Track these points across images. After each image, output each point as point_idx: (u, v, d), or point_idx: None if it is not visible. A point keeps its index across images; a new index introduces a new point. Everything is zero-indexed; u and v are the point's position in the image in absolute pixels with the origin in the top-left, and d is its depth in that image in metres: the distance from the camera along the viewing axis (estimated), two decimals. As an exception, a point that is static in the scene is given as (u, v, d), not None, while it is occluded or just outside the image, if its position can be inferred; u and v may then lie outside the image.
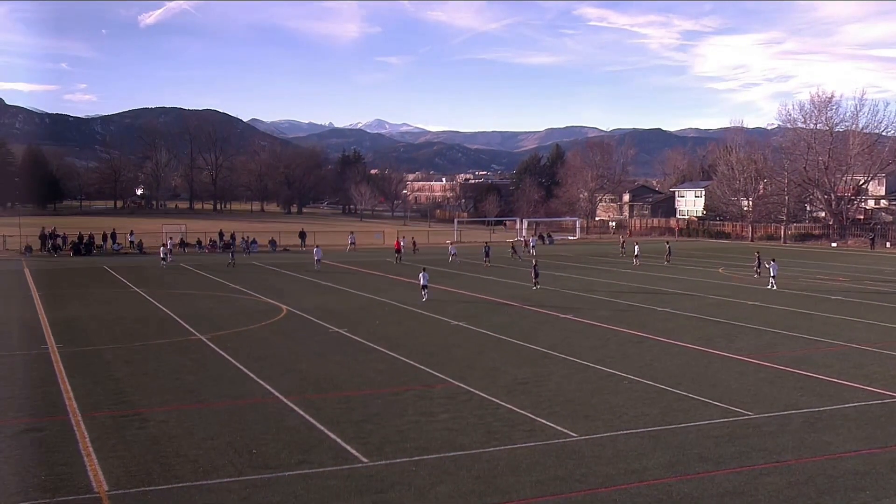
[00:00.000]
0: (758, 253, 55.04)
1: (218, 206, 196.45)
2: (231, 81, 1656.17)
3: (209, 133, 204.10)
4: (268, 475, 14.89)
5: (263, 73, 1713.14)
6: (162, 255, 59.60)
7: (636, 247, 64.21)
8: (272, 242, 79.33)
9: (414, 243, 76.23)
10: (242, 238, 76.76)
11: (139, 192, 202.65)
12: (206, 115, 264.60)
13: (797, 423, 18.44)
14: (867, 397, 20.82)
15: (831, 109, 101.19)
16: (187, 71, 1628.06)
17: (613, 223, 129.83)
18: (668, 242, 71.31)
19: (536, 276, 44.28)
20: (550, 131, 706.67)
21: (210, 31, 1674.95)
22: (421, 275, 40.17)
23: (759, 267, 51.00)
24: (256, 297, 41.28)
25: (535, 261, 45.64)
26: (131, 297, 41.65)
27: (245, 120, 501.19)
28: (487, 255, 61.02)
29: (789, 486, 14.36)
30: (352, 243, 77.95)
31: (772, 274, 45.50)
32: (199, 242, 78.24)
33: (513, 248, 70.33)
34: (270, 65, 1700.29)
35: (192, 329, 31.13)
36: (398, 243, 66.85)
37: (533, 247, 74.25)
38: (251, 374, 23.22)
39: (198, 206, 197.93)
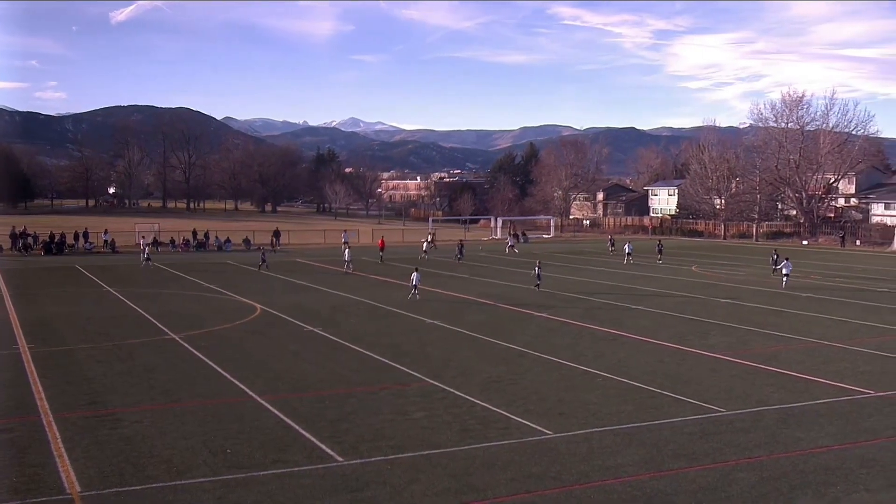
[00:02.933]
0: (776, 251, 55.27)
1: (191, 205, 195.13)
2: (205, 79, 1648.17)
3: (182, 131, 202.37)
4: (242, 475, 14.84)
5: (237, 71, 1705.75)
6: (146, 255, 58.96)
7: (627, 245, 64.54)
8: (246, 241, 78.94)
9: (432, 238, 77.58)
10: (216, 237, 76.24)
11: (112, 190, 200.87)
12: (179, 114, 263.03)
13: (769, 419, 18.63)
14: (837, 393, 21.07)
15: (802, 109, 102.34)
16: (160, 69, 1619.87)
17: (587, 221, 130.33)
18: (659, 241, 71.57)
19: (538, 276, 44.02)
20: (525, 130, 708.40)
21: (183, 29, 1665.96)
22: (413, 275, 40.36)
23: (776, 266, 50.65)
24: (230, 295, 41.08)
25: (539, 262, 45.66)
26: (104, 296, 41.31)
27: (219, 118, 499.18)
28: (461, 252, 62.56)
29: (762, 482, 14.51)
30: (345, 242, 76.37)
31: (784, 273, 45.46)
32: (172, 241, 77.72)
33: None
34: (244, 63, 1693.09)
35: (165, 329, 30.93)
36: (382, 242, 66.89)
37: (511, 246, 74.22)
38: (225, 374, 23.12)
39: (171, 204, 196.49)
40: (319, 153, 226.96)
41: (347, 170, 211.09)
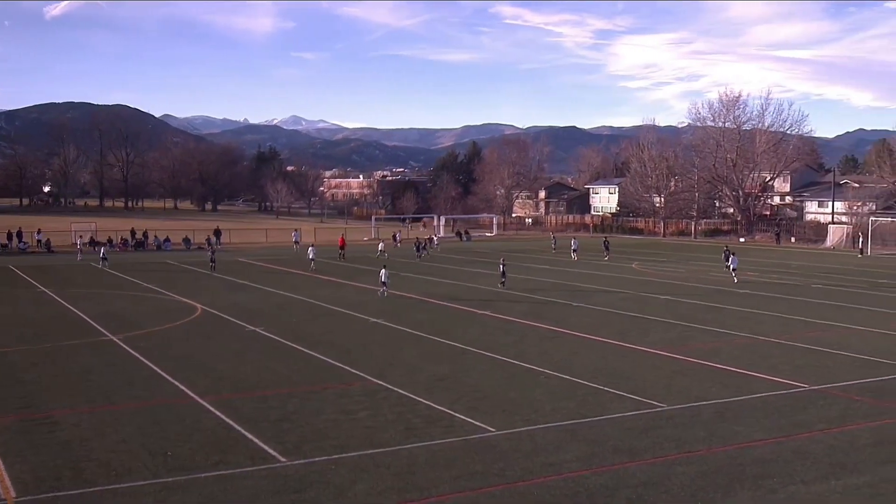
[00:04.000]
0: (727, 247, 56.19)
1: (129, 204, 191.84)
2: (142, 76, 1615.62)
3: (120, 129, 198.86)
4: (183, 477, 14.64)
5: (175, 67, 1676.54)
6: (102, 255, 57.38)
7: (573, 241, 65.16)
8: (186, 240, 77.86)
9: (394, 237, 79.35)
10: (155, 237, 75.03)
11: (46, 189, 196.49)
12: (116, 111, 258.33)
13: (708, 413, 18.95)
14: (773, 387, 21.52)
15: (739, 108, 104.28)
16: (96, 65, 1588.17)
17: (530, 220, 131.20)
18: (605, 238, 72.30)
19: (503, 274, 44.18)
20: (467, 128, 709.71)
21: (120, 24, 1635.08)
22: (382, 272, 40.76)
23: (728, 262, 51.28)
24: (170, 295, 40.50)
25: (503, 258, 45.80)
26: (39, 297, 40.41)
27: (157, 116, 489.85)
28: (419, 249, 64.78)
29: (701, 476, 14.76)
30: (296, 241, 75.24)
31: (732, 267, 46.49)
32: (110, 241, 76.29)
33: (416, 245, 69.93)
34: (183, 59, 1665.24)
35: (103, 329, 30.38)
36: (342, 240, 66.59)
37: (436, 245, 73.86)
38: (165, 375, 22.79)
39: (108, 203, 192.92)
40: (260, 151, 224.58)
41: (289, 168, 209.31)
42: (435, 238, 77.59)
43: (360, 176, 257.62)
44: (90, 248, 72.20)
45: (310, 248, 56.67)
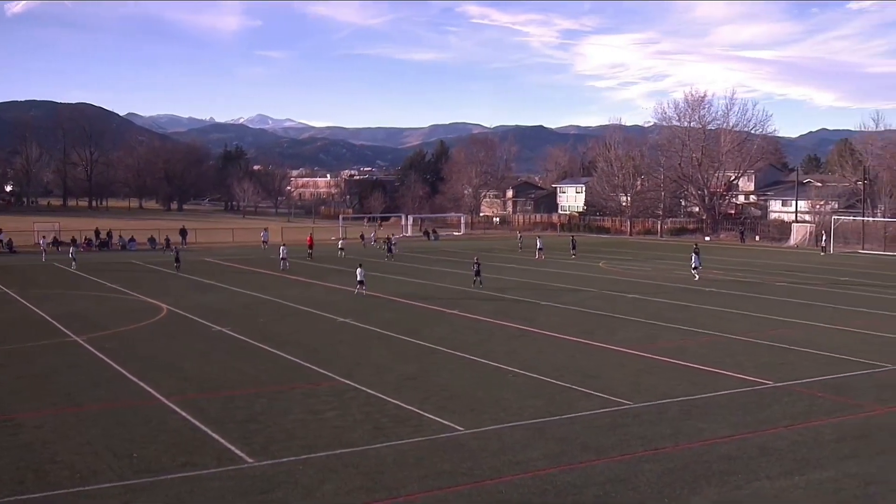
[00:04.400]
0: (696, 246, 56.54)
1: (94, 203, 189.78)
2: (107, 74, 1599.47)
3: (84, 127, 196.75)
4: (149, 479, 14.50)
5: (141, 65, 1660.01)
6: (71, 255, 56.65)
7: (538, 241, 65.49)
8: (152, 240, 77.14)
9: (362, 237, 79.52)
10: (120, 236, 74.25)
11: (8, 188, 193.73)
12: (80, 109, 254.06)
13: (674, 411, 19.11)
14: (738, 385, 21.74)
15: (704, 108, 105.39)
16: (60, 63, 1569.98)
17: (497, 219, 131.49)
18: (573, 237, 72.64)
19: (477, 273, 44.08)
20: (435, 127, 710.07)
21: (84, 22, 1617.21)
22: (358, 270, 40.86)
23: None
24: (135, 296, 40.11)
25: (477, 257, 45.78)
26: (1, 297, 39.83)
27: (122, 114, 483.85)
28: (389, 250, 64.15)
29: (667, 473, 14.87)
30: (264, 241, 74.59)
31: (693, 265, 47.02)
32: (74, 241, 75.35)
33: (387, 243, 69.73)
34: (148, 58, 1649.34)
35: (67, 330, 30.01)
36: (310, 239, 66.29)
37: (394, 244, 73.18)
38: (130, 376, 22.56)
39: (72, 203, 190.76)
40: (227, 150, 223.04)
41: (256, 167, 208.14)
42: (393, 237, 76.23)
43: (328, 175, 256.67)
44: (54, 248, 71.36)
45: (281, 248, 56.33)
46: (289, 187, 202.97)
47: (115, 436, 17.03)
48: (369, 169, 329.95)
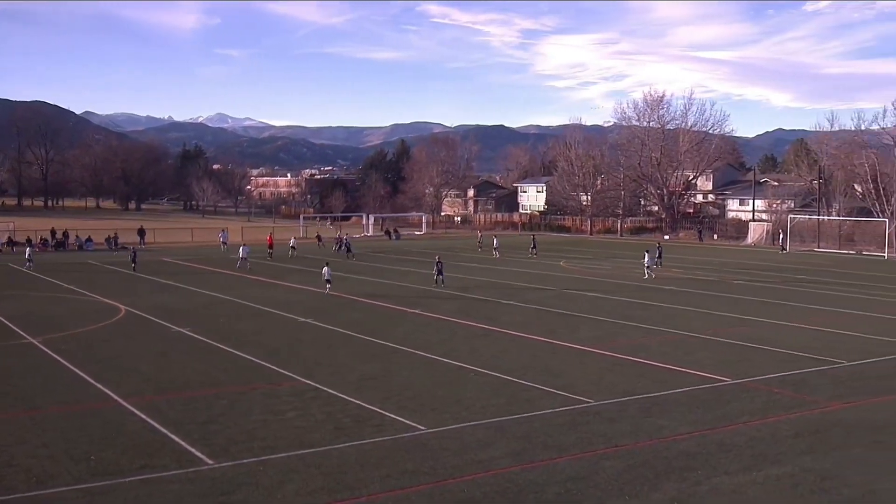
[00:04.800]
0: (659, 245, 57.16)
1: (49, 203, 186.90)
2: (62, 72, 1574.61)
3: (39, 125, 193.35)
4: (108, 482, 14.32)
5: (97, 63, 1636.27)
6: (27, 256, 55.63)
7: (495, 240, 65.85)
8: (109, 240, 76.04)
9: (318, 237, 77.44)
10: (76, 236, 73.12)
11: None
12: (35, 107, 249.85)
13: (634, 408, 19.25)
14: (697, 382, 21.97)
15: (663, 108, 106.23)
16: (14, 60, 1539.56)
17: (459, 218, 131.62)
18: (533, 236, 72.81)
19: (440, 272, 43.94)
20: (395, 127, 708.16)
21: (38, 20, 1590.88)
22: (324, 269, 41.39)
23: (660, 259, 52.76)
24: (92, 297, 39.57)
25: (438, 257, 45.68)
26: (-46, 299, 39.11)
27: (78, 112, 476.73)
28: (349, 249, 64.45)
29: (627, 470, 14.98)
30: (223, 242, 73.44)
31: (645, 264, 47.60)
32: (29, 241, 74.12)
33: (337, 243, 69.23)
34: (104, 56, 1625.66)
35: (22, 332, 29.52)
36: (270, 239, 65.70)
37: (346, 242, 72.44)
38: (88, 378, 22.25)
39: (27, 202, 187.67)
40: (186, 149, 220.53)
41: (215, 166, 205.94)
42: (345, 237, 74.70)
43: (288, 174, 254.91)
44: (9, 248, 70.19)
45: (241, 248, 55.72)
46: (249, 187, 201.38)
47: (72, 439, 16.79)
48: (330, 168, 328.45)
